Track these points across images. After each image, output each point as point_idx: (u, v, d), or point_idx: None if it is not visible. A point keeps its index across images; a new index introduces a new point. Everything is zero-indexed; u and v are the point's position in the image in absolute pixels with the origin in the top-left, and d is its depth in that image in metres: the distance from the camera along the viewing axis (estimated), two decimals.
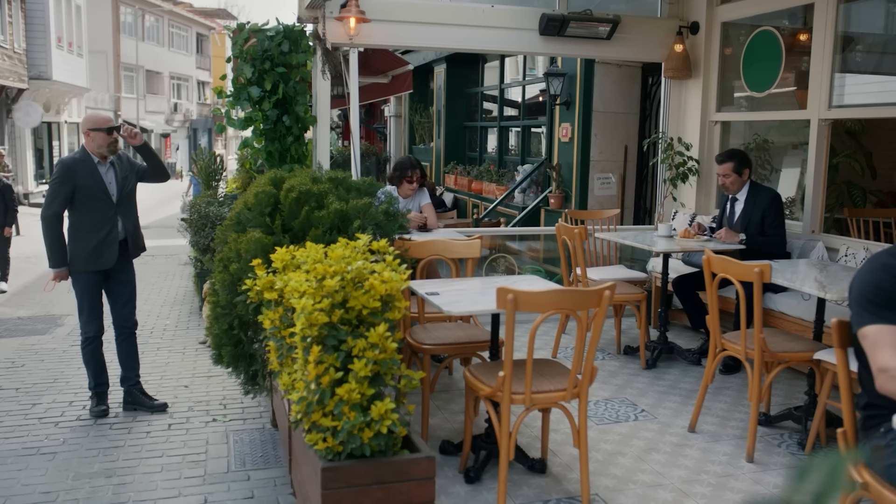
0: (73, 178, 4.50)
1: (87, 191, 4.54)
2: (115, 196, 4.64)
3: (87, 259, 4.57)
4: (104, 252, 4.58)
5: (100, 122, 4.63)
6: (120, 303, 4.76)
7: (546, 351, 5.71)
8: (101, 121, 4.66)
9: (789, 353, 3.98)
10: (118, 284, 4.75)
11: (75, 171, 4.52)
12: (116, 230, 4.63)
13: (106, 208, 4.60)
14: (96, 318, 4.69)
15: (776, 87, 6.12)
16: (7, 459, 4.00)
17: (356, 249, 2.96)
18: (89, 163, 4.57)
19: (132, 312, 4.82)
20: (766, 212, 5.31)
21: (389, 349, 2.68)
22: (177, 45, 42.01)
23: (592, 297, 3.22)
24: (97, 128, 4.61)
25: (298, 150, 6.20)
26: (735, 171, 5.41)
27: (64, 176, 4.50)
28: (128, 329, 4.81)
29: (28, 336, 6.71)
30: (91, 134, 4.61)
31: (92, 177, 4.55)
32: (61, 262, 4.54)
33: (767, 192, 5.42)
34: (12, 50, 20.49)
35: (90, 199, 4.55)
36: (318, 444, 2.67)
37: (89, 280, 4.62)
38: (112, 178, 4.65)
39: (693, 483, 3.65)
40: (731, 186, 5.47)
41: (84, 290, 4.64)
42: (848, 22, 5.59)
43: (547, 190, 10.19)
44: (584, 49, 6.71)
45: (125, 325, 4.79)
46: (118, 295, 4.75)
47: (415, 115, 16.19)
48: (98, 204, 4.57)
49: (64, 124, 26.73)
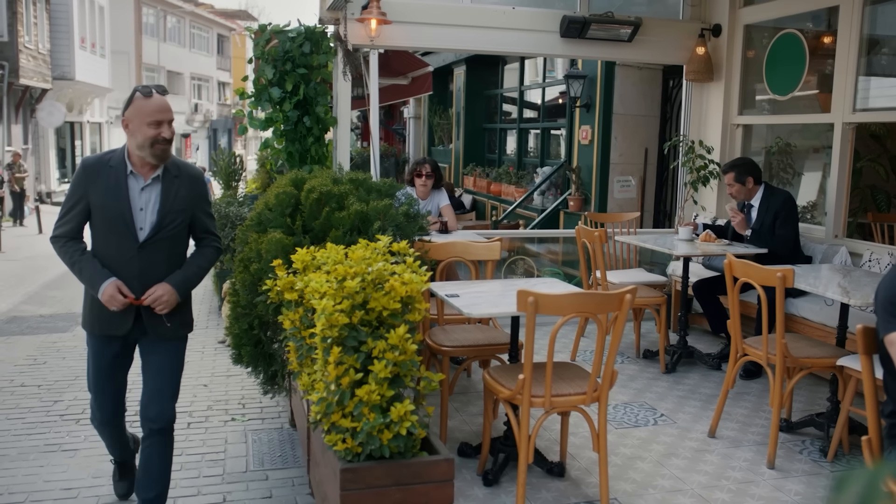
0: (88, 187, 3.04)
1: (103, 211, 3.04)
2: (146, 230, 3.05)
3: (91, 314, 3.16)
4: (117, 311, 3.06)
5: (147, 109, 2.99)
6: (148, 389, 3.19)
7: (565, 354, 5.68)
8: (150, 107, 3.00)
9: (812, 358, 3.94)
10: (147, 365, 3.21)
11: (94, 179, 3.03)
12: (133, 287, 3.05)
13: (125, 246, 3.05)
14: (106, 401, 3.28)
15: (799, 91, 6.06)
16: (29, 456, 4.04)
17: (376, 251, 2.97)
18: (119, 170, 3.04)
19: (165, 407, 3.18)
20: (777, 214, 5.31)
21: (409, 351, 2.68)
22: (198, 45, 42.30)
23: (614, 300, 3.20)
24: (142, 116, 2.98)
25: (319, 150, 6.21)
26: (737, 180, 5.44)
27: (78, 183, 3.06)
28: (155, 428, 3.18)
29: (50, 333, 6.77)
30: (130, 124, 3.01)
31: (113, 192, 3.01)
32: (99, 278, 3.04)
33: (780, 195, 5.42)
34: (37, 50, 20.74)
35: (106, 225, 3.06)
36: (338, 445, 2.67)
37: (97, 347, 3.20)
38: (149, 202, 3.07)
39: (713, 489, 3.61)
40: (737, 195, 5.53)
41: (91, 357, 3.25)
42: (874, 24, 5.52)
43: (566, 192, 10.16)
44: (605, 51, 6.68)
45: (149, 419, 3.17)
46: (145, 379, 3.21)
47: (434, 117, 16.20)
48: (115, 237, 3.05)
49: (86, 124, 27.02)
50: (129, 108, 3.02)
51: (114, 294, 3.00)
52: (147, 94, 3.00)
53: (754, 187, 5.45)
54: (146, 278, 3.07)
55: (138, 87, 3.03)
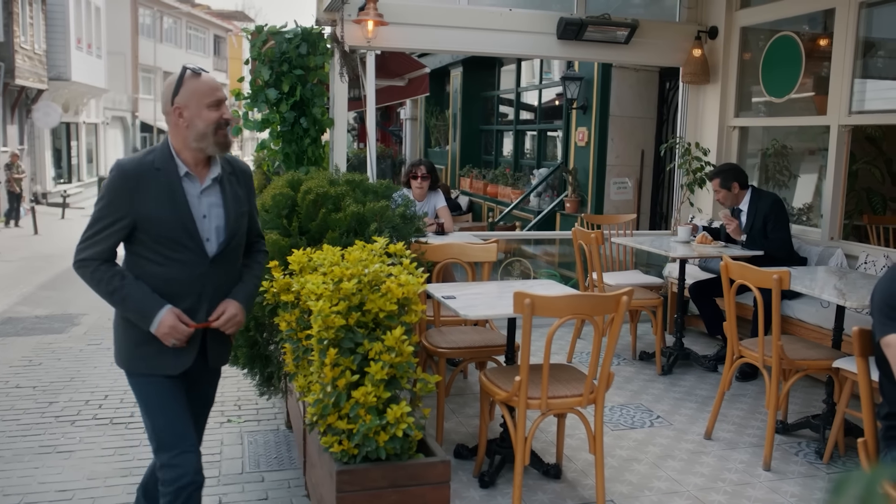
0: (132, 199, 2.45)
1: (157, 226, 2.49)
2: (213, 242, 2.59)
3: (136, 349, 2.57)
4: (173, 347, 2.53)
5: (204, 88, 2.53)
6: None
7: (561, 356, 5.69)
8: (206, 85, 2.54)
9: (807, 360, 3.94)
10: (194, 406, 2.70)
11: (139, 187, 2.47)
12: (203, 310, 2.58)
13: (192, 263, 2.55)
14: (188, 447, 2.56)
15: (795, 93, 6.07)
16: (24, 457, 4.03)
17: (373, 252, 2.96)
18: (170, 172, 2.52)
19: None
20: (767, 217, 5.34)
21: (406, 352, 2.68)
22: (194, 46, 42.25)
23: (610, 302, 3.20)
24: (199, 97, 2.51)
25: (315, 152, 6.20)
26: (723, 186, 5.50)
27: (117, 194, 2.46)
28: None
29: (45, 335, 6.76)
30: (185, 111, 2.51)
31: (168, 201, 2.49)
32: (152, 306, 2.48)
33: (768, 197, 5.46)
34: (33, 51, 20.71)
35: (162, 243, 2.50)
36: (334, 447, 2.67)
37: (153, 386, 2.58)
38: (211, 208, 2.59)
39: (709, 491, 3.62)
40: (724, 201, 5.58)
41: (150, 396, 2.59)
42: (869, 27, 5.54)
43: (563, 194, 10.17)
44: (602, 53, 6.69)
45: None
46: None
47: (430, 118, 16.21)
48: (177, 255, 2.52)
49: (82, 125, 26.99)
50: (179, 92, 2.51)
51: (174, 325, 2.48)
52: (197, 72, 2.55)
53: (741, 192, 5.49)
54: (218, 298, 2.61)
55: (184, 67, 2.56)
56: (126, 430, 4.44)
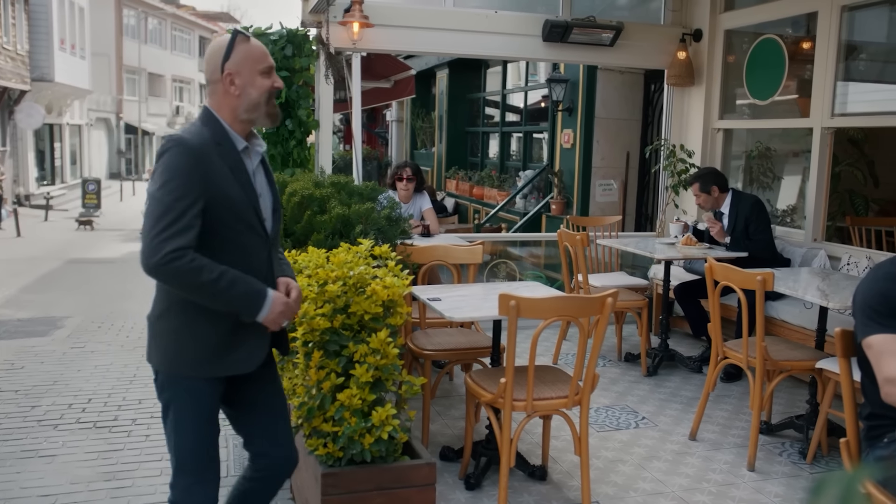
0: (206, 177, 2.18)
1: (230, 206, 2.24)
2: (269, 221, 2.38)
3: (206, 349, 2.27)
4: (248, 339, 2.32)
5: (257, 53, 2.30)
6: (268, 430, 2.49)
7: (546, 357, 5.70)
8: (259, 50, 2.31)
9: (791, 361, 3.97)
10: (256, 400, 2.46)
11: (209, 164, 2.20)
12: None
13: (256, 245, 2.33)
14: (212, 477, 2.47)
15: (779, 95, 6.12)
16: (6, 462, 3.99)
17: (358, 254, 2.96)
18: (230, 147, 2.27)
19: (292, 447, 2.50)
20: (748, 218, 5.38)
21: (391, 355, 2.68)
22: (179, 48, 42.08)
23: (595, 304, 3.21)
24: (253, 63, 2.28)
25: (301, 154, 6.19)
26: (702, 190, 5.54)
27: (191, 174, 2.16)
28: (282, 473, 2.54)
29: (28, 338, 6.69)
30: (236, 78, 2.26)
31: (238, 178, 2.26)
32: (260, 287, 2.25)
33: (748, 199, 5.50)
34: (15, 52, 20.53)
35: (230, 226, 2.25)
36: (319, 450, 2.66)
37: (203, 393, 2.32)
38: (263, 185, 2.39)
39: (694, 491, 3.63)
40: (704, 205, 5.62)
41: (189, 412, 2.35)
42: (851, 30, 5.59)
43: (548, 196, 10.19)
44: (587, 55, 6.71)
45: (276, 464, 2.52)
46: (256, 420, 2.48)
47: (416, 120, 16.21)
48: (244, 237, 2.29)
49: (66, 126, 26.79)
50: (230, 56, 2.25)
51: (287, 301, 2.31)
52: (247, 36, 2.30)
53: (721, 195, 5.53)
54: (274, 282, 2.37)
55: (234, 31, 2.32)
56: (110, 433, 4.41)
